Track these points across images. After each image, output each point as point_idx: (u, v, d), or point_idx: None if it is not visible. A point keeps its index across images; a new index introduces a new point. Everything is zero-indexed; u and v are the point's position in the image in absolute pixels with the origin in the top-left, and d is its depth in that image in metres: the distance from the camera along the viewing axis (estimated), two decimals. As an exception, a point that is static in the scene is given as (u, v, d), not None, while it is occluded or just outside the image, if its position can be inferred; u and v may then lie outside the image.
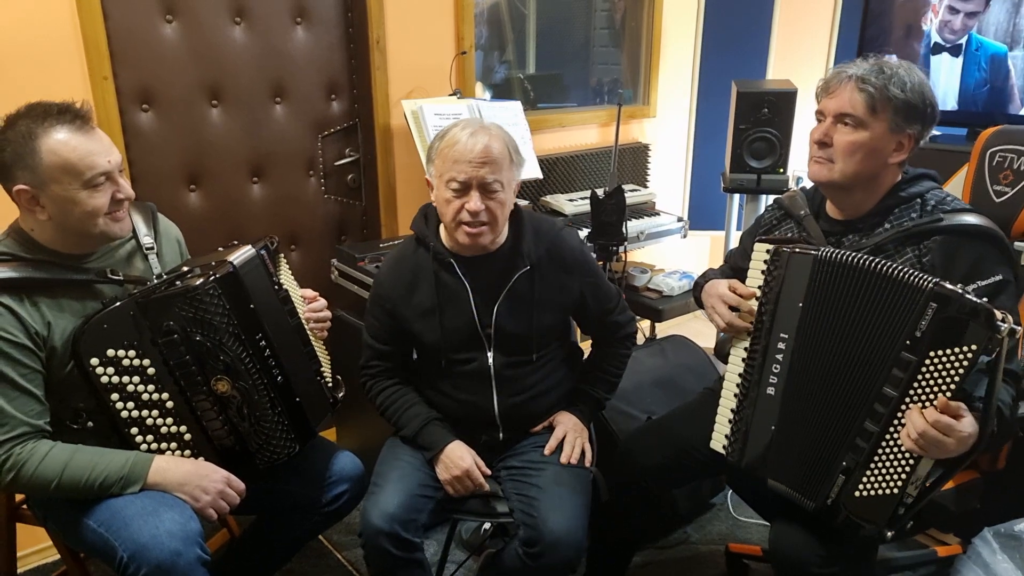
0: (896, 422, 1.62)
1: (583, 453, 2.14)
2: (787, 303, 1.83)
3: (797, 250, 1.82)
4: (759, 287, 1.89)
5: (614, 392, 2.31)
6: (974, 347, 1.51)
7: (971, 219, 1.80)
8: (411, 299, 2.09)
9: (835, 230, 1.97)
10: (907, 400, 1.60)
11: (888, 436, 1.64)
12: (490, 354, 2.09)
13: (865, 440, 1.67)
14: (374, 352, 2.19)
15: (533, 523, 1.96)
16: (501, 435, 2.17)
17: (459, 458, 2.06)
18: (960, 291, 1.53)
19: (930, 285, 1.57)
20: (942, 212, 1.83)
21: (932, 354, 1.56)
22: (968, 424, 1.54)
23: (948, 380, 1.55)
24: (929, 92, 1.84)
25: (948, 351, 1.54)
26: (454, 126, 1.98)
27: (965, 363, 1.52)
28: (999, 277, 1.74)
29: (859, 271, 1.71)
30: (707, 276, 2.19)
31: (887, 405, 1.63)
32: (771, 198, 2.72)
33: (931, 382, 1.57)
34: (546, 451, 2.11)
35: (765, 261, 1.87)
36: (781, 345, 1.84)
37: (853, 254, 1.73)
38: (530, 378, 2.15)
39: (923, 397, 1.59)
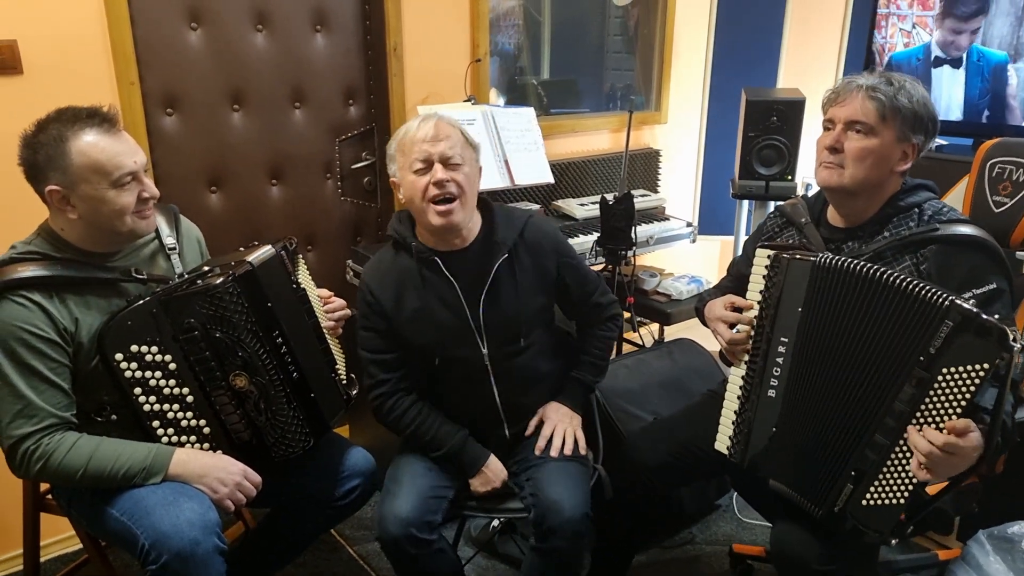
0: (906, 435, 1.63)
1: (576, 443, 2.17)
2: (787, 308, 1.86)
3: (797, 256, 1.85)
4: (760, 292, 1.92)
5: (603, 375, 2.32)
6: (986, 365, 1.52)
7: (966, 229, 1.83)
8: (401, 305, 2.11)
9: (835, 237, 2.01)
10: (918, 414, 1.61)
11: (898, 448, 1.65)
12: (484, 348, 2.13)
13: (875, 452, 1.68)
14: (380, 366, 2.16)
15: (537, 501, 2.01)
16: (508, 433, 2.22)
17: (500, 470, 2.15)
18: (976, 310, 1.54)
19: (946, 303, 1.57)
20: (938, 222, 1.87)
21: (945, 371, 1.57)
22: (974, 439, 1.55)
23: (959, 396, 1.56)
24: (931, 105, 1.90)
25: (961, 368, 1.55)
26: (404, 127, 2.08)
27: (977, 380, 1.54)
28: (993, 286, 1.78)
29: (861, 279, 1.73)
30: (703, 299, 2.22)
31: (898, 419, 1.64)
32: (790, 199, 2.75)
33: (942, 398, 1.58)
34: (536, 450, 2.14)
35: (766, 267, 1.90)
36: (781, 349, 1.87)
37: (852, 261, 1.76)
38: (525, 367, 2.18)
39: (933, 412, 1.60)
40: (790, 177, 3.41)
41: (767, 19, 4.23)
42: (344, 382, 2.20)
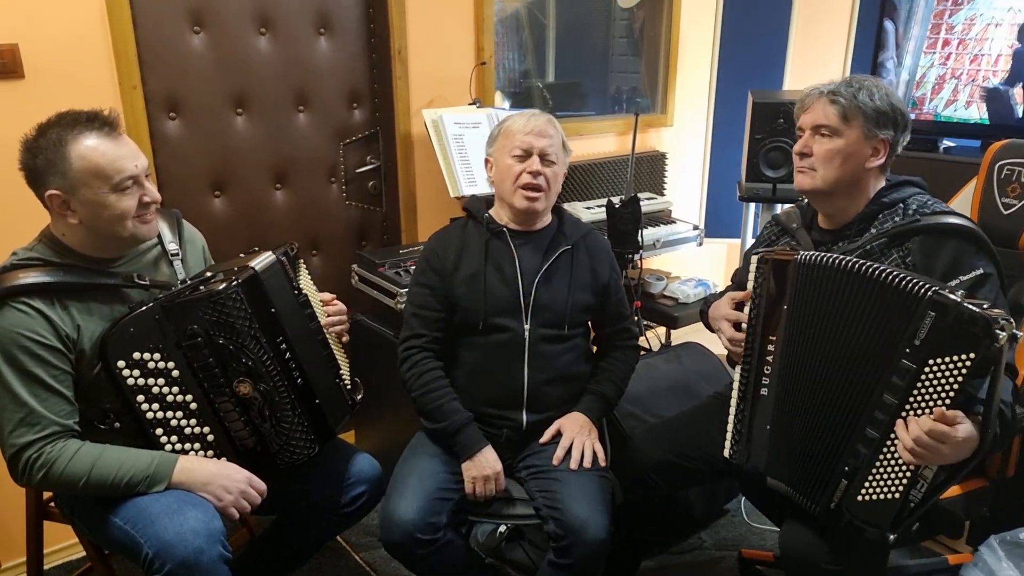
0: (896, 428, 1.64)
1: (595, 455, 2.16)
2: (775, 308, 1.91)
3: (780, 256, 1.90)
4: (751, 297, 1.96)
5: (621, 395, 2.34)
6: (972, 355, 1.52)
7: (948, 219, 1.86)
8: (459, 265, 2.23)
9: (825, 239, 2.06)
10: (907, 407, 1.62)
11: (889, 442, 1.66)
12: (526, 325, 2.18)
13: (866, 446, 1.69)
14: (421, 320, 2.22)
15: (557, 515, 2.00)
16: (524, 421, 2.21)
17: (494, 460, 2.13)
18: (958, 299, 1.54)
19: (929, 293, 1.58)
20: (921, 215, 1.89)
21: (931, 362, 1.58)
22: (964, 430, 1.55)
23: (947, 387, 1.56)
24: (897, 100, 1.94)
25: (947, 359, 1.56)
26: (513, 115, 2.26)
27: (964, 371, 1.54)
28: (980, 271, 1.80)
29: (842, 272, 1.76)
30: (709, 301, 2.25)
31: (887, 412, 1.65)
32: (786, 207, 2.74)
33: (930, 389, 1.59)
34: (554, 460, 2.13)
35: (755, 270, 1.95)
36: (771, 347, 1.92)
37: (831, 256, 1.80)
38: (560, 359, 2.22)
39: (922, 404, 1.60)
40: (797, 179, 3.40)
41: (773, 20, 4.22)
42: (349, 387, 2.19)
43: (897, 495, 1.66)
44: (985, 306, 1.53)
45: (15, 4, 2.31)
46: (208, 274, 1.90)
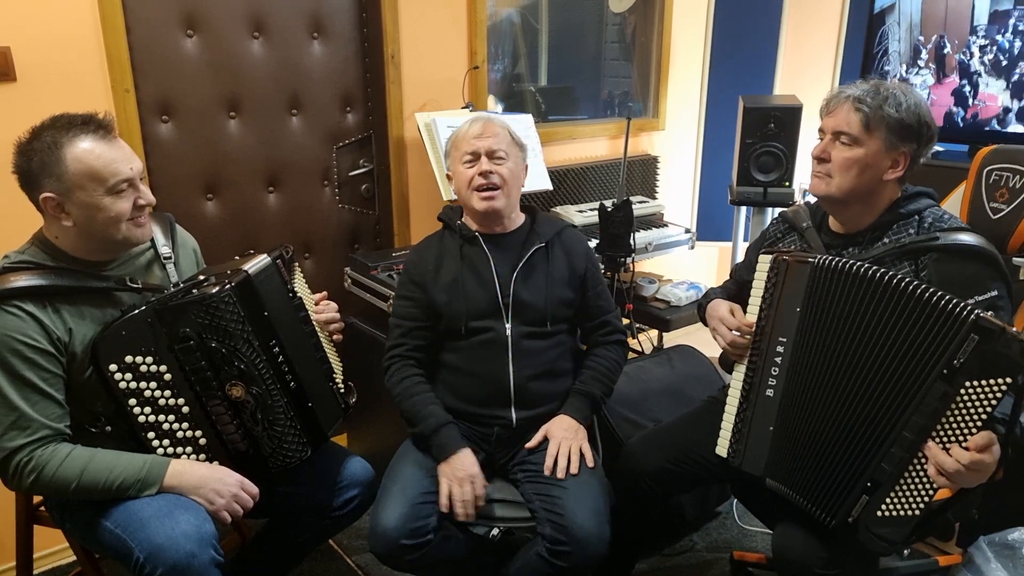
0: (925, 448, 1.61)
1: (583, 457, 2.15)
2: (786, 309, 1.88)
3: (796, 258, 1.88)
4: (762, 296, 1.94)
5: (610, 395, 2.33)
6: (1009, 380, 1.51)
7: (966, 238, 1.84)
8: (437, 275, 2.25)
9: (836, 243, 2.03)
10: (938, 428, 1.60)
11: (916, 461, 1.63)
12: (508, 324, 2.20)
13: (891, 464, 1.66)
14: (403, 330, 2.26)
15: (560, 521, 1.99)
16: (514, 418, 2.21)
17: (471, 464, 2.11)
18: (1002, 324, 1.52)
19: (971, 316, 1.55)
20: (938, 230, 1.87)
21: (968, 384, 1.55)
22: (997, 452, 1.54)
23: (981, 410, 1.55)
24: (925, 112, 1.89)
25: (984, 382, 1.54)
26: (459, 125, 2.32)
27: (999, 394, 1.52)
28: (994, 293, 1.79)
29: (864, 280, 1.72)
30: (709, 296, 2.24)
31: (917, 433, 1.62)
32: (777, 211, 2.76)
33: (964, 412, 1.56)
34: (545, 471, 2.11)
35: (767, 270, 1.92)
36: (780, 348, 1.89)
37: (853, 262, 1.76)
38: (544, 354, 2.23)
39: (955, 426, 1.58)
40: (788, 183, 3.42)
41: (763, 26, 4.24)
42: (342, 391, 2.19)
43: (918, 512, 1.64)
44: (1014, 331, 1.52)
45: (7, 7, 2.31)
46: (201, 277, 1.90)
